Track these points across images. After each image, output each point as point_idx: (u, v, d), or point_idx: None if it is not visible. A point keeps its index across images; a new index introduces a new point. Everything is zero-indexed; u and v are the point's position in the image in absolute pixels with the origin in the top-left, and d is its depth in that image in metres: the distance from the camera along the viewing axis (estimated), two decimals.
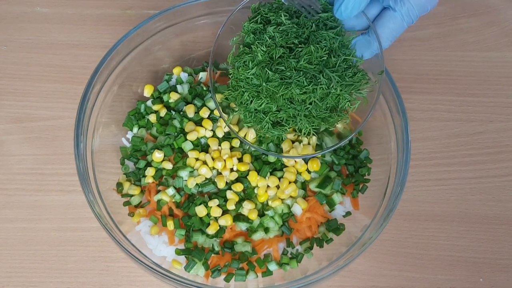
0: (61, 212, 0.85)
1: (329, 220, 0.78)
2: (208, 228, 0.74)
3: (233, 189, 0.75)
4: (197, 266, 0.73)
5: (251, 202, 0.75)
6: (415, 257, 0.83)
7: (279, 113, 0.66)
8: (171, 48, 0.86)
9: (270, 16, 0.66)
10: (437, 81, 0.92)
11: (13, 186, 0.86)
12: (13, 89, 0.92)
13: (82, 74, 0.90)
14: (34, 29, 0.95)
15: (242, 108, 0.67)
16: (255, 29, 0.66)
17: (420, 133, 0.89)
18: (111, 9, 0.97)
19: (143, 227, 0.77)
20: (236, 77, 0.66)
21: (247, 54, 0.65)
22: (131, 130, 0.82)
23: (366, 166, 0.80)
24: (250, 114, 0.67)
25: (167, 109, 0.81)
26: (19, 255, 0.82)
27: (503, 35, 0.95)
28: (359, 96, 0.66)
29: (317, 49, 0.63)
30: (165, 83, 0.83)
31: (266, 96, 0.65)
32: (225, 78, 0.82)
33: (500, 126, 0.90)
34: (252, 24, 0.66)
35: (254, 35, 0.66)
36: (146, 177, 0.78)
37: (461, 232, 0.84)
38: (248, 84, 0.65)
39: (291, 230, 0.76)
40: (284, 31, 0.64)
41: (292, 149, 0.77)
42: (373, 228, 0.71)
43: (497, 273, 0.82)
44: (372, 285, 0.82)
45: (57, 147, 0.88)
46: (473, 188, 0.86)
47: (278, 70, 0.63)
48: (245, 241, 0.75)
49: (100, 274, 0.82)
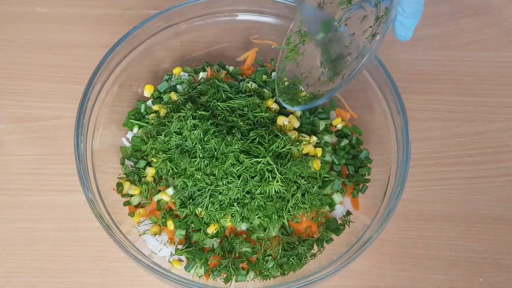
0: (61, 212, 0.85)
1: (329, 220, 0.78)
2: (208, 228, 0.74)
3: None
4: (197, 266, 0.73)
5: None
6: (415, 257, 0.83)
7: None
8: (171, 48, 0.86)
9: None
10: (437, 81, 0.92)
11: (14, 186, 0.86)
12: (13, 89, 0.92)
13: (82, 74, 0.90)
14: (34, 29, 0.95)
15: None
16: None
17: (420, 133, 0.89)
18: (111, 9, 0.97)
19: (143, 227, 0.77)
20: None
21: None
22: (131, 130, 0.82)
23: (366, 166, 0.80)
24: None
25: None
26: (19, 255, 0.82)
27: (503, 35, 0.95)
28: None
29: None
30: (165, 83, 0.83)
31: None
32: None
33: (500, 126, 0.90)
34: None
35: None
36: (146, 177, 0.78)
37: (461, 232, 0.84)
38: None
39: (291, 230, 0.76)
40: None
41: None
42: (373, 228, 0.71)
43: (497, 273, 0.82)
44: (372, 285, 0.82)
45: (58, 147, 0.88)
46: (473, 188, 0.86)
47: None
48: (245, 241, 0.75)
49: (100, 274, 0.82)
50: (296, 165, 0.72)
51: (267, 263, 0.74)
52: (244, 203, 0.72)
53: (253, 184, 0.71)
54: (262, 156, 0.71)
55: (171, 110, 0.78)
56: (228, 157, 0.70)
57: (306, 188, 0.73)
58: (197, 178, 0.72)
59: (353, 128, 0.83)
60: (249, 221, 0.73)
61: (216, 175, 0.72)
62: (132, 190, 0.78)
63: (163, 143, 0.75)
